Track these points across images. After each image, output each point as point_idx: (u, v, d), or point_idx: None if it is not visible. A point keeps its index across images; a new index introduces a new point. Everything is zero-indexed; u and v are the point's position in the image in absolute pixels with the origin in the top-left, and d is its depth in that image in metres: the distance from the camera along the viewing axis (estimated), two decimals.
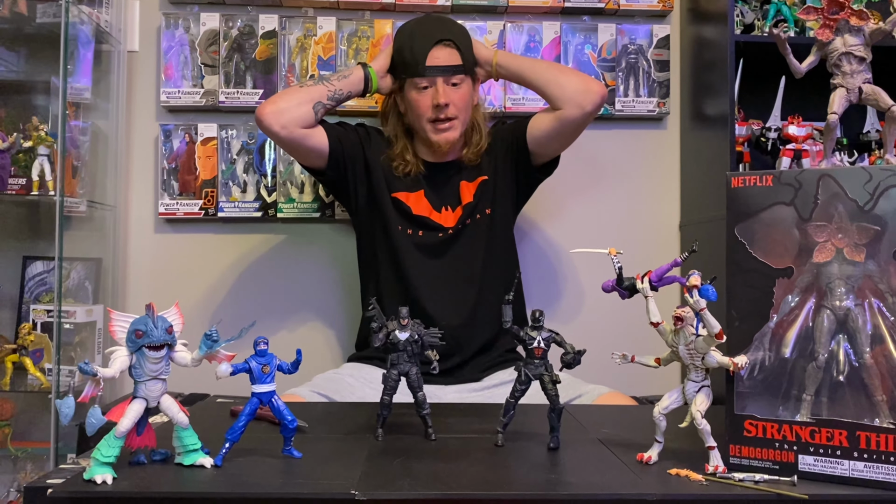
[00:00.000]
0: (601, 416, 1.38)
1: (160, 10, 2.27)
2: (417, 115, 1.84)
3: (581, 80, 1.84)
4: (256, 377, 1.00)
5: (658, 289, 1.02)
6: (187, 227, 2.28)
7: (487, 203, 1.91)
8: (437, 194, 1.91)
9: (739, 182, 0.99)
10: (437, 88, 1.80)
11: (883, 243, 0.91)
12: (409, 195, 1.89)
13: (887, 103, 1.00)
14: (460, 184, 1.91)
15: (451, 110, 1.81)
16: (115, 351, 0.94)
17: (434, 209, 1.90)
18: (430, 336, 1.13)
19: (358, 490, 0.86)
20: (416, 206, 1.89)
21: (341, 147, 1.87)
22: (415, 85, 1.83)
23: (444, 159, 1.92)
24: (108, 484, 0.89)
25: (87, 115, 2.13)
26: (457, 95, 1.82)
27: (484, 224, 1.91)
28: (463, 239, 1.89)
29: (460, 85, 1.83)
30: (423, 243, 1.88)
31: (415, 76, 1.82)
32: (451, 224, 1.89)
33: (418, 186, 1.90)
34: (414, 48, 1.83)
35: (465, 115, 1.87)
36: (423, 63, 1.80)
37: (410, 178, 1.90)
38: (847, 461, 0.91)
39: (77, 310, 1.97)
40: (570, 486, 0.94)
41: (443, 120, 1.81)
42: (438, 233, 1.89)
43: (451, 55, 1.83)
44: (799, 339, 0.95)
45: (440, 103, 1.79)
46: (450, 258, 1.88)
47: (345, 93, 1.83)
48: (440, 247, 1.88)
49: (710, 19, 2.20)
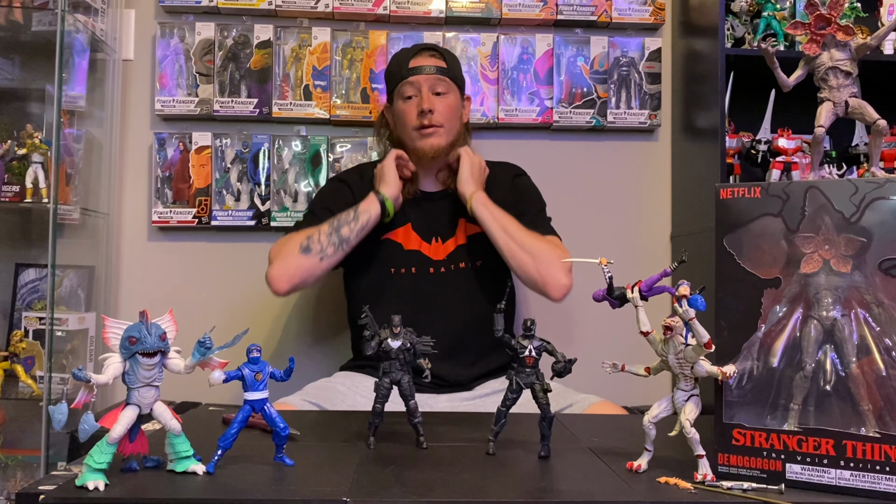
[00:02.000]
0: (591, 425, 1.38)
1: (155, 20, 2.28)
2: (404, 124, 1.84)
3: (539, 274, 1.75)
4: (249, 385, 1.00)
5: (648, 298, 1.03)
6: (181, 235, 2.29)
7: (479, 255, 1.87)
8: (426, 224, 1.88)
9: (728, 193, 1.01)
10: (421, 95, 1.81)
11: (869, 255, 0.92)
12: (398, 231, 1.87)
13: (873, 117, 1.01)
14: (459, 220, 1.87)
15: (437, 118, 1.81)
16: (109, 357, 0.94)
17: (424, 240, 1.87)
18: (423, 344, 1.14)
19: (349, 497, 0.86)
20: (406, 241, 1.87)
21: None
22: (401, 95, 1.84)
23: (435, 187, 1.90)
24: (101, 490, 0.89)
25: (82, 123, 2.14)
26: (442, 104, 1.82)
27: (473, 274, 1.87)
28: (453, 282, 1.86)
29: (446, 94, 1.84)
30: (414, 284, 1.84)
31: (399, 81, 1.83)
32: (440, 257, 1.86)
33: (404, 220, 1.87)
34: (399, 59, 1.88)
35: (452, 126, 1.85)
36: (406, 67, 1.83)
37: (396, 212, 1.85)
38: (834, 470, 0.92)
39: (69, 317, 1.97)
40: (560, 494, 0.94)
41: (427, 126, 1.81)
42: (429, 268, 1.86)
43: (435, 60, 1.85)
44: (787, 349, 0.96)
45: (424, 109, 1.79)
46: (438, 300, 1.84)
47: (353, 238, 1.77)
48: (429, 286, 1.85)
49: (701, 33, 2.22)
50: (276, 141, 2.27)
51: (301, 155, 2.28)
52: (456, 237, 1.88)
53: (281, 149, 2.27)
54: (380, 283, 1.86)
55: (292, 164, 2.27)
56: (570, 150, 2.38)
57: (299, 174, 2.27)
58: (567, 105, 2.32)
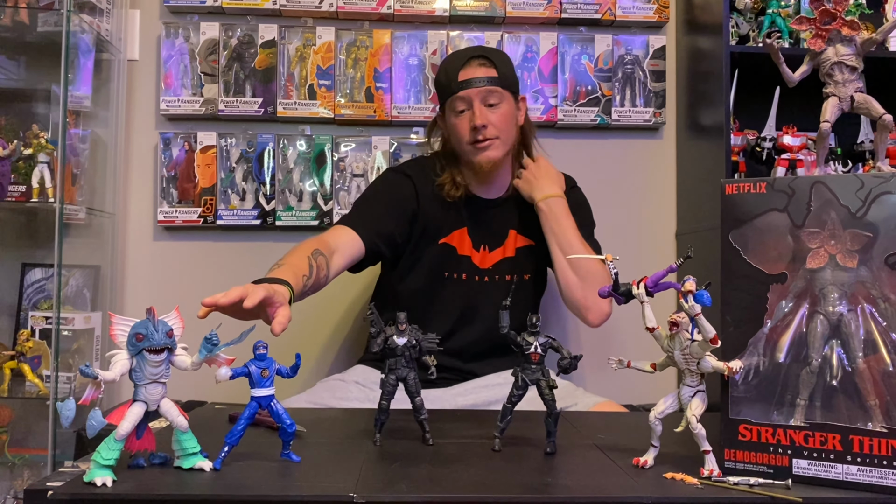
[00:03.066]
0: (597, 421, 1.38)
1: (160, 20, 2.29)
2: (458, 139, 1.78)
3: (584, 299, 1.73)
4: (256, 381, 1.01)
5: (654, 294, 1.03)
6: (186, 234, 2.30)
7: (527, 268, 1.85)
8: (479, 232, 1.84)
9: (733, 189, 1.01)
10: (473, 110, 1.73)
11: (875, 250, 0.92)
12: (454, 234, 1.83)
13: (878, 112, 1.01)
14: (510, 232, 1.85)
15: (491, 130, 1.73)
16: (116, 354, 0.95)
17: (473, 248, 1.84)
18: (428, 341, 1.14)
19: (356, 493, 0.87)
20: (460, 245, 1.83)
21: (379, 240, 1.76)
22: (453, 108, 1.77)
23: (490, 194, 1.85)
24: (108, 486, 0.89)
25: (87, 123, 2.15)
26: (495, 116, 1.74)
27: (520, 287, 1.83)
28: (496, 293, 1.81)
29: (499, 105, 1.75)
30: (465, 290, 1.82)
31: (449, 95, 1.76)
32: (486, 266, 1.83)
33: (461, 223, 1.83)
34: (448, 69, 1.78)
35: (508, 136, 1.78)
36: (455, 80, 1.74)
37: (453, 214, 1.82)
38: (840, 465, 0.92)
39: (75, 317, 1.98)
40: (566, 490, 0.94)
41: (482, 140, 1.74)
42: (475, 275, 1.83)
43: (486, 70, 1.75)
44: (793, 345, 0.96)
45: (477, 125, 1.72)
46: (483, 309, 1.81)
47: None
48: (475, 294, 1.82)
49: (705, 30, 2.22)
50: (280, 140, 2.27)
51: (306, 154, 2.28)
52: (504, 248, 1.84)
53: (286, 148, 2.27)
54: (435, 286, 1.82)
55: (297, 164, 2.27)
56: (575, 149, 2.38)
57: (304, 173, 2.28)
58: (571, 103, 2.32)
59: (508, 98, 1.78)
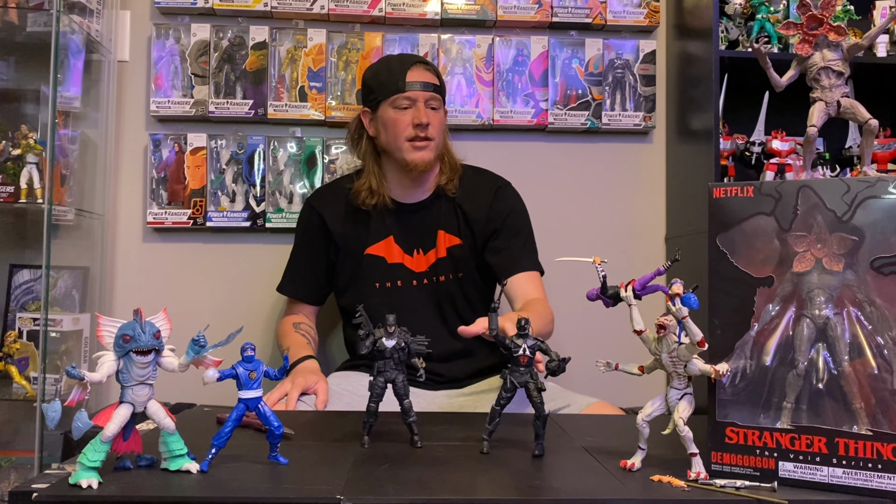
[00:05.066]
0: (585, 424, 1.39)
1: (151, 21, 2.28)
2: (395, 134, 1.81)
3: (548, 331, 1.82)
4: (243, 383, 1.01)
5: (642, 297, 1.03)
6: (176, 236, 2.29)
7: (459, 267, 1.88)
8: (408, 237, 1.88)
9: (721, 192, 1.01)
10: (418, 107, 1.79)
11: (861, 253, 0.92)
12: (380, 245, 1.87)
13: (864, 116, 1.02)
14: (438, 232, 1.88)
15: (431, 131, 1.80)
16: (103, 356, 0.94)
17: (406, 253, 1.88)
18: (417, 343, 1.14)
19: (344, 495, 0.86)
20: (388, 254, 1.87)
21: (320, 291, 1.98)
22: (394, 104, 1.80)
23: (414, 198, 1.89)
24: (94, 488, 0.89)
25: (77, 124, 2.14)
26: (436, 118, 1.82)
27: (456, 286, 1.88)
28: (435, 294, 1.87)
29: (438, 109, 1.84)
30: (399, 297, 1.85)
31: (395, 93, 1.80)
32: (422, 269, 1.87)
33: (386, 232, 1.88)
34: (391, 69, 1.84)
35: (440, 142, 1.86)
36: (402, 80, 1.80)
37: (376, 225, 1.87)
38: (826, 467, 0.92)
39: (63, 318, 1.97)
40: (554, 492, 0.94)
41: (422, 139, 1.79)
42: (412, 280, 1.87)
43: (431, 77, 1.84)
44: (779, 348, 0.96)
45: (422, 122, 1.78)
46: (423, 312, 1.85)
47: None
48: (414, 299, 1.86)
49: (695, 35, 2.23)
50: (271, 142, 2.27)
51: (296, 156, 2.28)
52: (437, 249, 1.88)
53: (276, 150, 2.27)
54: (365, 298, 1.84)
55: (287, 166, 2.27)
56: (565, 152, 2.39)
57: (294, 175, 2.27)
58: (562, 107, 2.33)
59: (442, 108, 1.87)
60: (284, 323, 1.95)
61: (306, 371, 1.69)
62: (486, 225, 1.88)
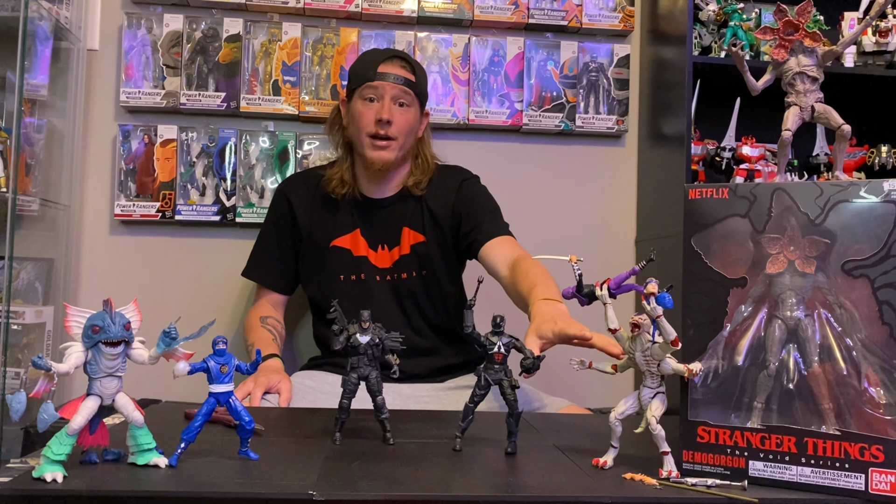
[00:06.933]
0: (558, 423, 1.39)
1: (122, 10, 2.25)
2: (358, 127, 1.80)
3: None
4: (214, 377, 0.99)
5: (616, 296, 1.04)
6: (143, 229, 2.25)
7: (423, 265, 1.87)
8: (373, 232, 1.87)
9: (697, 194, 1.02)
10: (383, 102, 1.78)
11: (832, 256, 0.94)
12: (346, 238, 1.87)
13: (837, 121, 1.04)
14: (403, 229, 1.87)
15: (393, 130, 1.78)
16: (70, 346, 0.92)
17: (370, 248, 1.87)
18: (391, 340, 1.13)
19: (316, 490, 0.85)
20: (354, 247, 1.87)
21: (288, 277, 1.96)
22: (362, 96, 1.80)
23: (381, 194, 1.88)
24: (59, 482, 0.87)
25: (43, 113, 2.09)
26: (402, 118, 1.79)
27: (420, 283, 1.87)
28: (399, 291, 1.87)
29: (408, 107, 1.81)
30: (363, 291, 1.85)
31: (364, 82, 1.79)
32: (386, 265, 1.86)
33: (353, 225, 1.87)
34: (367, 60, 1.84)
35: (406, 142, 1.83)
36: (374, 70, 1.79)
37: (343, 217, 1.87)
38: (795, 467, 0.94)
39: (26, 311, 1.92)
40: (527, 489, 0.94)
41: (382, 137, 1.77)
42: (376, 275, 1.86)
43: (405, 71, 1.81)
44: (751, 348, 0.97)
45: (382, 118, 1.76)
46: (387, 308, 1.85)
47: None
48: (378, 294, 1.85)
49: (669, 41, 2.25)
50: (243, 136, 2.24)
51: (269, 151, 2.25)
52: (401, 246, 1.87)
53: (248, 144, 2.24)
54: (329, 290, 1.85)
55: (259, 160, 2.25)
56: (539, 154, 2.40)
57: (266, 170, 2.25)
58: (536, 108, 2.34)
59: (416, 106, 1.84)
60: (251, 316, 1.93)
61: (269, 370, 1.67)
62: (452, 217, 1.88)
